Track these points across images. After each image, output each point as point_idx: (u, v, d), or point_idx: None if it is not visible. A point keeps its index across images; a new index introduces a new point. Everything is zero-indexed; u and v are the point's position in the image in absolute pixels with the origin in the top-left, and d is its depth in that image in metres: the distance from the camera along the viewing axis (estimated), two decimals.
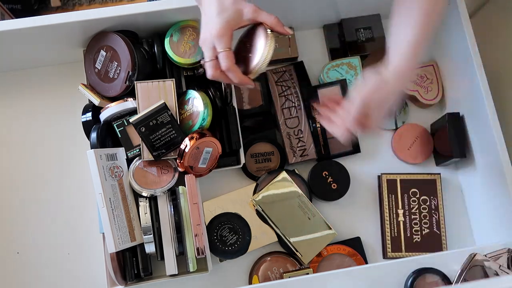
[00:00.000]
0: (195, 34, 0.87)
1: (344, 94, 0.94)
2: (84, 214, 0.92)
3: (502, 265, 0.75)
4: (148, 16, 0.84)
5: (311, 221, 0.89)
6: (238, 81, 0.71)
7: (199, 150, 0.82)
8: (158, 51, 0.87)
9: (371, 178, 0.95)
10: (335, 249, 0.89)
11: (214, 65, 0.69)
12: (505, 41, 0.94)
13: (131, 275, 0.83)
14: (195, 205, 0.81)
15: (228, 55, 0.68)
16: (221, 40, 0.67)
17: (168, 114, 0.81)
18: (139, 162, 0.84)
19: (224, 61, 0.68)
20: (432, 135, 0.97)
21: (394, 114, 0.98)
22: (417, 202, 0.92)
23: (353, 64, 0.96)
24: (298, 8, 0.92)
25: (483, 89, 0.84)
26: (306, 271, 0.87)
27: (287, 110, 0.93)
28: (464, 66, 0.88)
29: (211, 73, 0.70)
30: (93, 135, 0.82)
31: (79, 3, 1.75)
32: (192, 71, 0.89)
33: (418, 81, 0.98)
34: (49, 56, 0.95)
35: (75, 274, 0.90)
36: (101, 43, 0.85)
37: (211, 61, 0.69)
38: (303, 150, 0.93)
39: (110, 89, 0.85)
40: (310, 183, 0.92)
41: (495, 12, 0.96)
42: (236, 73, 0.70)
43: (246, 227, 0.88)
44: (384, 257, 0.92)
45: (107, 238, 0.78)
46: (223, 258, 0.89)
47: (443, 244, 0.91)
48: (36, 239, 0.91)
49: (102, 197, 0.78)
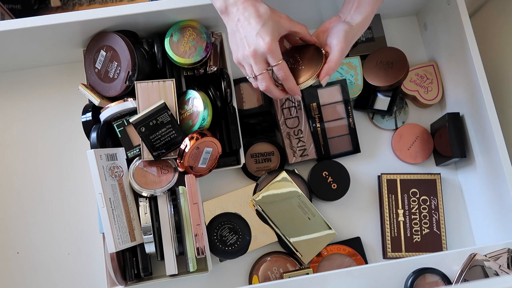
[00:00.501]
0: (195, 34, 0.87)
1: (344, 94, 0.94)
2: (84, 214, 0.92)
3: (502, 265, 0.75)
4: (148, 16, 0.84)
5: (311, 221, 0.89)
6: (292, 91, 0.74)
7: (199, 150, 0.82)
8: (158, 51, 0.87)
9: (371, 178, 0.96)
10: (335, 249, 0.89)
11: (268, 77, 0.72)
12: (505, 41, 0.94)
13: (131, 275, 0.83)
14: (195, 205, 0.81)
15: (284, 67, 0.71)
16: (273, 54, 0.69)
17: (168, 114, 0.81)
18: (139, 162, 0.84)
19: (282, 71, 0.71)
20: (432, 135, 0.97)
21: (394, 114, 0.98)
22: (417, 202, 0.92)
23: (353, 64, 0.96)
24: (298, 8, 0.92)
25: (483, 89, 0.84)
26: (306, 271, 0.87)
27: (287, 110, 0.93)
28: (464, 66, 0.88)
29: (266, 85, 0.72)
30: (93, 135, 0.82)
31: (79, 3, 1.75)
32: (192, 71, 0.89)
33: (418, 81, 0.98)
34: (49, 56, 0.95)
35: (75, 274, 0.90)
36: (101, 43, 0.85)
37: (264, 73, 0.71)
38: (303, 150, 0.93)
39: (110, 89, 0.85)
40: (310, 183, 0.92)
41: (495, 12, 0.96)
42: (292, 82, 0.73)
43: (246, 227, 0.88)
44: (384, 257, 0.92)
45: (107, 238, 0.78)
46: (223, 258, 0.89)
47: (443, 244, 0.91)
48: (36, 239, 0.91)
49: (102, 197, 0.78)
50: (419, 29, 1.04)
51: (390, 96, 0.96)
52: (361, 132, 0.97)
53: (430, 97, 0.97)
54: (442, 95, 0.98)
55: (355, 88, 0.96)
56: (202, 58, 0.87)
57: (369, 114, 0.99)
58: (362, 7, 0.75)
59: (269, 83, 0.72)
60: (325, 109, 0.94)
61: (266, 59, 0.70)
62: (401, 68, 0.93)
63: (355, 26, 0.75)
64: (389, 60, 0.95)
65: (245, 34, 0.69)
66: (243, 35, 0.69)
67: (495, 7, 0.96)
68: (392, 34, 1.01)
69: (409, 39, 1.03)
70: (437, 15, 0.95)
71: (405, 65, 0.93)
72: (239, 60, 0.73)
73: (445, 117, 0.92)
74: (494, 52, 0.95)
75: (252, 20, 0.68)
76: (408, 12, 1.03)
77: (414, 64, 0.99)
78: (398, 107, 0.99)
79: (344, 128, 0.95)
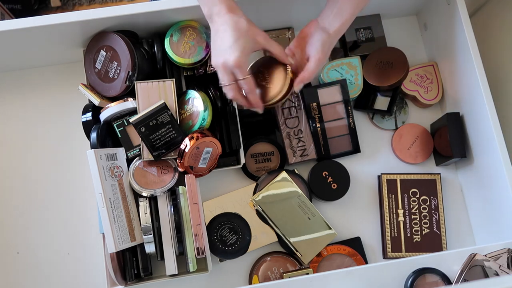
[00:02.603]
0: (195, 34, 0.87)
1: (344, 94, 0.94)
2: (84, 214, 0.92)
3: (502, 265, 0.75)
4: (148, 16, 0.84)
5: (311, 221, 0.89)
6: (254, 104, 0.78)
7: (199, 150, 0.82)
8: (158, 51, 0.87)
9: (371, 178, 0.95)
10: (335, 249, 0.89)
11: (235, 88, 0.75)
12: (505, 41, 0.94)
13: (131, 275, 0.83)
14: (195, 205, 0.81)
15: (249, 82, 0.75)
16: (241, 69, 0.72)
17: (168, 114, 0.81)
18: (139, 162, 0.84)
19: (246, 86, 0.75)
20: (432, 135, 0.97)
21: (394, 114, 0.98)
22: (417, 202, 0.92)
23: (353, 64, 0.96)
24: (298, 8, 0.93)
25: (483, 89, 0.84)
26: (306, 271, 0.87)
27: (287, 110, 0.93)
28: (464, 66, 0.88)
29: (232, 95, 0.76)
30: (93, 135, 0.82)
31: (79, 3, 1.75)
32: (192, 71, 0.89)
33: (418, 81, 0.98)
34: (49, 56, 0.95)
35: (75, 274, 0.90)
36: (101, 43, 0.85)
37: (231, 85, 0.75)
38: (303, 150, 0.93)
39: (110, 89, 0.85)
40: (310, 183, 0.92)
41: (495, 12, 0.96)
42: (254, 96, 0.77)
43: (246, 227, 0.88)
44: (384, 257, 0.92)
45: (107, 238, 0.78)
46: (223, 258, 0.89)
47: (443, 244, 0.91)
48: (36, 239, 0.91)
49: (102, 197, 0.78)
50: (419, 29, 1.04)
51: (390, 96, 0.96)
52: (361, 132, 0.97)
53: (430, 97, 0.97)
54: (442, 95, 0.98)
55: (355, 88, 0.96)
56: (202, 58, 0.87)
57: (369, 114, 0.99)
58: (342, 13, 0.77)
59: (235, 93, 0.76)
60: (325, 109, 0.94)
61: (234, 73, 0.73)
62: (401, 68, 0.93)
63: (333, 34, 0.78)
64: (389, 60, 0.95)
65: (220, 45, 0.73)
66: (219, 45, 0.73)
67: (495, 7, 0.96)
68: (392, 34, 1.01)
69: (409, 39, 1.03)
70: (437, 15, 0.95)
71: (405, 65, 0.93)
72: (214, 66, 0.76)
73: (445, 117, 0.92)
74: (494, 52, 0.95)
75: (228, 34, 0.71)
76: (408, 12, 1.03)
77: (414, 64, 0.99)
78: (398, 107, 0.98)
79: (344, 128, 0.95)
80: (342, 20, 0.77)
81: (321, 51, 0.78)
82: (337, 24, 0.78)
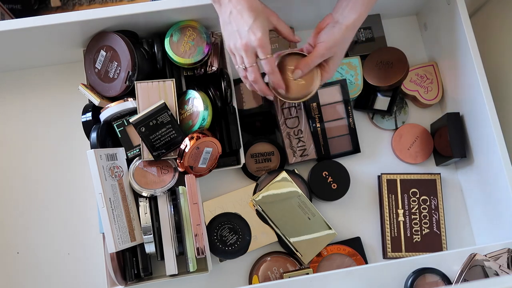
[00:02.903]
0: (195, 34, 0.87)
1: (344, 94, 0.94)
2: (84, 214, 0.92)
3: (502, 265, 0.75)
4: (148, 16, 0.84)
5: (311, 221, 0.89)
6: (276, 84, 0.78)
7: (199, 150, 0.82)
8: (158, 51, 0.87)
9: (371, 178, 0.96)
10: (335, 249, 0.89)
11: (258, 69, 0.75)
12: (505, 41, 0.94)
13: (131, 275, 0.83)
14: (195, 205, 0.81)
15: (271, 61, 0.74)
16: (263, 48, 0.71)
17: (168, 114, 0.81)
18: (139, 162, 0.84)
19: (269, 66, 0.74)
20: (432, 135, 0.97)
21: (394, 114, 0.98)
22: (417, 202, 0.92)
23: (353, 64, 0.96)
24: (298, 8, 0.92)
25: (483, 89, 0.84)
26: (306, 271, 0.87)
27: (287, 110, 0.93)
28: (464, 66, 0.88)
29: (254, 77, 0.75)
30: (93, 135, 0.82)
31: (79, 3, 1.75)
32: (192, 71, 0.89)
33: (418, 81, 0.98)
34: (49, 56, 0.95)
35: (75, 274, 0.90)
36: (101, 43, 0.85)
37: (254, 66, 0.74)
38: (303, 150, 0.93)
39: (110, 89, 0.85)
40: (310, 183, 0.92)
41: (495, 12, 0.96)
42: (277, 76, 0.76)
43: (246, 227, 0.88)
44: (384, 257, 0.92)
45: (107, 238, 0.78)
46: (223, 258, 0.89)
47: (443, 244, 0.91)
48: (36, 239, 0.91)
49: (102, 197, 0.78)
50: (419, 29, 1.04)
51: (390, 96, 0.96)
52: (361, 132, 0.97)
53: (430, 97, 0.97)
54: (442, 95, 0.98)
55: (355, 88, 0.96)
56: (202, 58, 0.87)
57: (369, 114, 0.99)
58: (356, 6, 0.75)
59: (257, 75, 0.76)
60: (325, 109, 0.94)
61: (256, 53, 0.72)
62: (401, 68, 0.93)
63: (348, 27, 0.75)
64: (389, 60, 0.95)
65: (238, 27, 0.71)
66: (236, 28, 0.71)
67: (495, 7, 0.96)
68: (392, 34, 1.01)
69: (409, 39, 1.03)
70: (437, 15, 0.95)
71: (405, 65, 0.93)
72: (231, 50, 0.75)
73: (445, 117, 0.92)
74: (494, 52, 0.95)
75: (245, 14, 0.70)
76: (408, 12, 1.03)
77: (414, 64, 0.99)
78: (398, 107, 0.98)
79: (344, 128, 0.95)
80: (356, 14, 0.75)
81: (328, 40, 0.75)
82: (352, 17, 0.75)
